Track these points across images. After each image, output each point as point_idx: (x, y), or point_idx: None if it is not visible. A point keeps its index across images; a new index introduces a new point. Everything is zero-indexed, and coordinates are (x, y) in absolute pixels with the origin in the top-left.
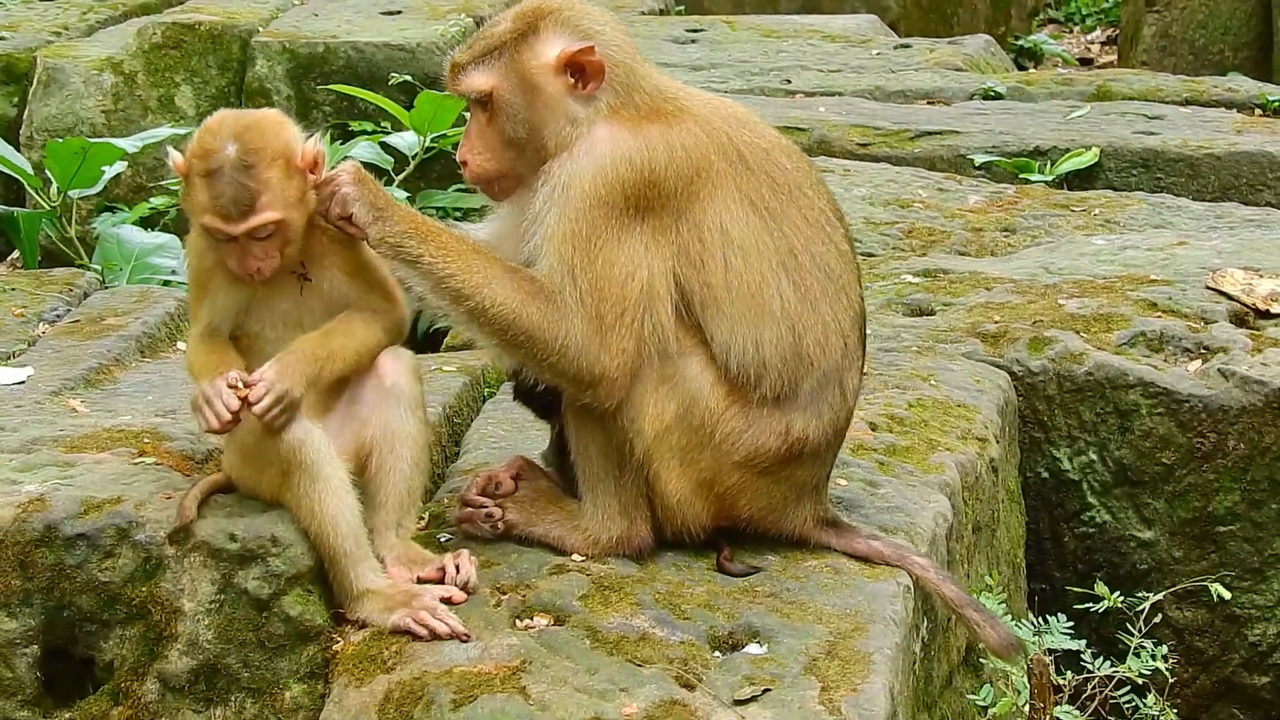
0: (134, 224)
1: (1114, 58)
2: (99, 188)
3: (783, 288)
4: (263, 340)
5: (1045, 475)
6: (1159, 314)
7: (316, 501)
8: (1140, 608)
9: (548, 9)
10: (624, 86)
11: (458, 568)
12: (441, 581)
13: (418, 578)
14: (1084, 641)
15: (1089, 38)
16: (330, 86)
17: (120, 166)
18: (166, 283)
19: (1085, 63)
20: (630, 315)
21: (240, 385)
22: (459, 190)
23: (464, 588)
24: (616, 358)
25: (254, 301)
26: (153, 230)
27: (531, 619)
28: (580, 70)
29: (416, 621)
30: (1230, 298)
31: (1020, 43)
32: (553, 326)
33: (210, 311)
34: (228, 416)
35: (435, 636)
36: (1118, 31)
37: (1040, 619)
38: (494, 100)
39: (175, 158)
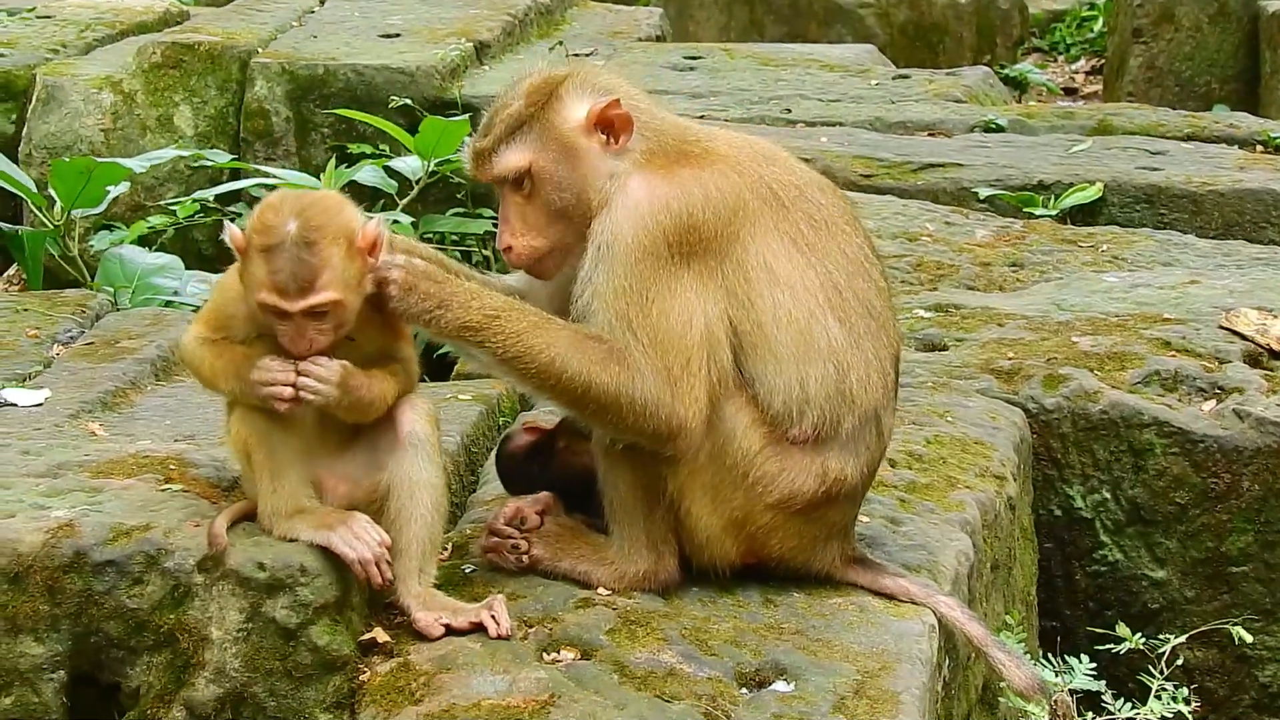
0: (132, 243)
1: (1099, 88)
2: (102, 207)
3: (829, 325)
4: None
5: (1058, 513)
6: (1173, 353)
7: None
8: (1162, 650)
9: (560, 76)
10: (651, 134)
11: (495, 619)
12: (479, 630)
13: (448, 627)
14: (1104, 682)
15: (1074, 67)
16: (331, 111)
17: (124, 186)
18: (169, 303)
19: (1070, 92)
20: (696, 363)
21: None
22: (457, 215)
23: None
24: (690, 407)
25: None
26: (150, 249)
27: (559, 652)
28: (609, 125)
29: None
30: (1244, 338)
31: (1006, 71)
32: (625, 389)
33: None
34: (292, 378)
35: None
36: (1103, 62)
37: (1060, 659)
38: (534, 174)
39: (233, 232)
